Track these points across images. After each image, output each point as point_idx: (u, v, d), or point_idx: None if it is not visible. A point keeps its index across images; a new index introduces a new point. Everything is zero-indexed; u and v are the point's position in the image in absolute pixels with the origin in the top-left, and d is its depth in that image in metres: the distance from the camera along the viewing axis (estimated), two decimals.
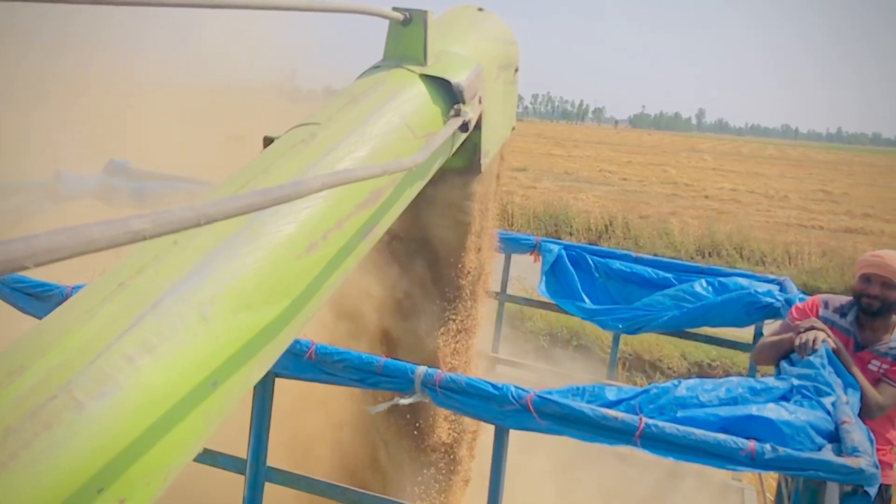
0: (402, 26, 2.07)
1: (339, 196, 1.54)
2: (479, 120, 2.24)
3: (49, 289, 2.46)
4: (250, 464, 2.31)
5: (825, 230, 18.27)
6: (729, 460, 1.81)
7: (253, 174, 1.55)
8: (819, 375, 2.29)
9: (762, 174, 36.70)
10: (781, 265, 13.04)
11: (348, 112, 1.80)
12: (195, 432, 1.17)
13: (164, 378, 1.11)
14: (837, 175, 39.94)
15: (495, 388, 1.97)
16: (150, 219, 0.75)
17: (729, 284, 4.01)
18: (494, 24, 2.61)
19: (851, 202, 25.45)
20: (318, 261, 1.47)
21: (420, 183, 2.00)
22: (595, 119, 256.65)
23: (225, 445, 2.33)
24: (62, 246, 0.65)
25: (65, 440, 0.98)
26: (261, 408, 2.29)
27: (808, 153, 74.25)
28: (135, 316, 1.13)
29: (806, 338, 2.77)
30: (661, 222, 15.80)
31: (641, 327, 4.17)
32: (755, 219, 18.97)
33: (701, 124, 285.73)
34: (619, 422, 1.87)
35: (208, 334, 1.20)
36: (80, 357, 1.06)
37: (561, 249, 4.52)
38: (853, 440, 1.85)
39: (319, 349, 2.14)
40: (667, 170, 34.67)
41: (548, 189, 21.55)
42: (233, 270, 1.29)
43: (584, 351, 7.71)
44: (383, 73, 2.01)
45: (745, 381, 2.14)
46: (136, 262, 1.25)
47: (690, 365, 7.69)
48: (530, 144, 44.71)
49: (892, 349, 3.12)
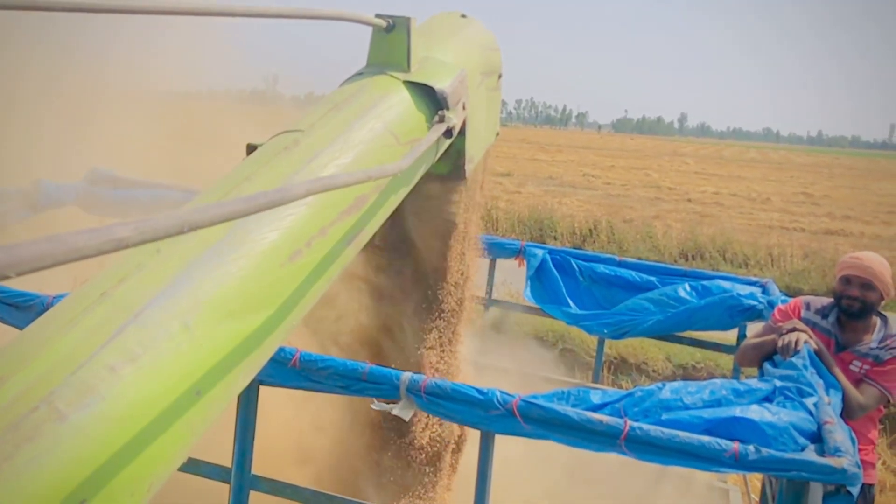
0: (385, 33, 2.08)
1: (322, 203, 1.54)
2: (462, 126, 2.24)
3: (30, 299, 2.44)
4: (235, 472, 2.30)
5: (807, 232, 18.44)
6: (713, 462, 1.83)
7: (236, 182, 1.54)
8: (801, 376, 2.31)
9: (744, 177, 37.00)
10: (764, 267, 13.14)
11: (331, 119, 1.80)
12: (179, 442, 1.16)
13: (148, 388, 1.11)
14: (818, 178, 40.36)
15: (481, 393, 1.97)
16: (133, 227, 0.75)
17: (712, 288, 4.04)
18: (477, 31, 2.62)
19: (832, 204, 25.72)
20: (302, 268, 1.47)
21: (404, 189, 2.00)
22: (578, 124, 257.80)
23: (208, 454, 2.32)
24: (45, 255, 0.64)
25: (47, 452, 0.97)
26: (245, 416, 2.28)
27: (790, 156, 74.97)
28: (117, 326, 1.13)
29: (788, 339, 2.79)
30: (645, 226, 15.88)
31: (626, 332, 4.19)
32: (737, 221, 19.11)
33: (683, 128, 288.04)
34: (604, 425, 1.88)
35: (192, 343, 1.19)
36: (61, 368, 1.05)
37: (545, 254, 4.54)
38: (835, 440, 1.87)
39: (304, 356, 2.14)
40: (650, 174, 34.87)
41: (532, 194, 21.61)
42: (216, 279, 1.28)
43: (570, 355, 7.73)
44: (366, 80, 2.01)
45: (728, 383, 2.15)
46: (118, 271, 1.24)
47: (675, 368, 7.72)
48: (514, 150, 44.84)
49: (872, 350, 3.15)
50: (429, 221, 2.76)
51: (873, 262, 3.19)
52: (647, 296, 4.15)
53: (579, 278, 4.46)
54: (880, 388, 3.07)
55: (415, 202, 2.46)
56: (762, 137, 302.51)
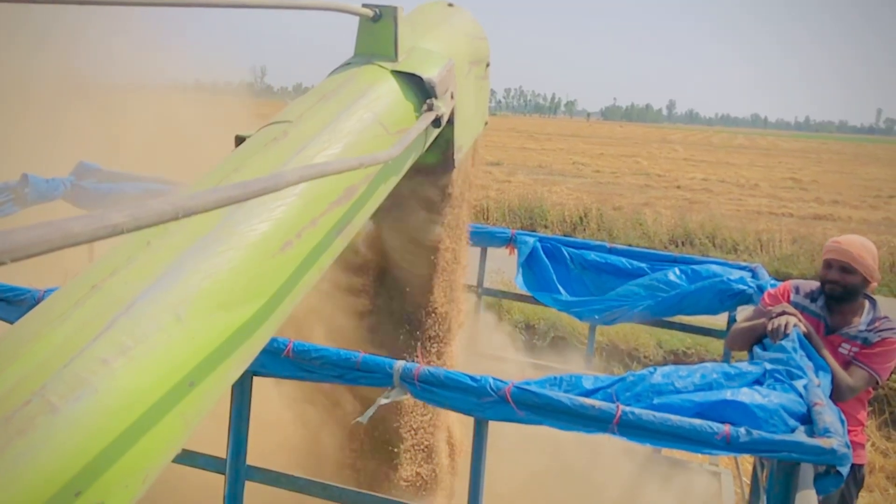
0: (372, 22, 2.07)
1: (313, 194, 1.54)
2: (451, 115, 2.24)
3: (21, 293, 2.42)
4: (230, 463, 2.30)
5: (795, 217, 18.55)
6: (705, 445, 1.84)
7: (225, 173, 1.54)
8: (791, 359, 2.33)
9: (732, 163, 37.14)
10: (753, 253, 13.21)
11: (320, 109, 1.79)
12: (173, 433, 1.17)
13: (140, 380, 1.11)
14: (806, 163, 40.55)
15: (474, 380, 1.98)
16: (128, 213, 0.75)
17: (702, 272, 4.06)
18: (465, 20, 2.62)
19: (820, 189, 25.87)
20: (292, 259, 1.47)
21: (394, 179, 2.00)
22: (567, 112, 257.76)
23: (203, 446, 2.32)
24: (41, 240, 0.64)
25: (40, 445, 0.97)
26: (239, 407, 2.28)
27: (777, 142, 75.26)
28: (109, 318, 1.12)
29: (778, 323, 2.81)
30: (635, 213, 15.92)
31: (617, 318, 4.20)
32: (726, 207, 19.19)
33: (672, 115, 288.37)
34: (597, 410, 1.89)
35: (184, 335, 1.19)
36: (53, 361, 1.05)
37: (536, 242, 4.54)
38: (825, 422, 1.89)
39: (297, 346, 2.13)
40: (639, 161, 34.95)
41: (522, 182, 21.61)
42: (207, 270, 1.28)
43: (562, 342, 7.76)
44: (354, 70, 2.01)
45: (719, 366, 2.17)
46: (108, 263, 1.24)
47: (666, 353, 7.77)
48: (504, 138, 44.81)
49: (861, 332, 3.18)
50: (418, 212, 2.76)
51: (852, 245, 3.21)
52: (637, 281, 4.16)
53: (570, 266, 4.46)
54: (868, 370, 3.11)
55: (404, 192, 2.46)
56: (750, 123, 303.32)
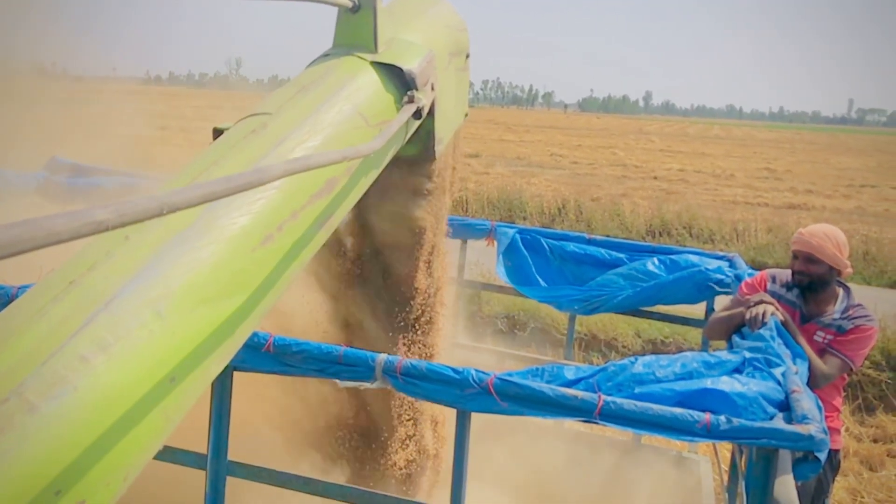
0: (351, 13, 2.05)
1: (294, 187, 1.53)
2: (432, 107, 2.23)
3: None
4: (211, 459, 2.28)
5: (770, 207, 18.77)
6: (686, 433, 1.86)
7: (204, 166, 1.52)
8: (769, 347, 2.36)
9: (708, 154, 37.46)
10: (729, 242, 13.36)
11: (299, 101, 1.78)
12: (154, 430, 1.15)
13: (121, 377, 1.09)
14: (780, 153, 41.01)
15: (456, 372, 1.98)
16: (112, 209, 0.73)
17: (680, 262, 4.09)
18: (444, 11, 2.60)
19: (794, 179, 26.19)
20: (274, 252, 1.46)
21: (375, 172, 1.99)
22: (545, 104, 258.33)
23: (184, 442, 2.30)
24: (22, 239, 0.62)
25: (18, 444, 0.95)
26: (220, 402, 2.27)
27: (752, 132, 75.99)
28: (87, 315, 1.10)
29: (756, 311, 2.84)
30: (613, 204, 16.02)
31: (597, 307, 4.23)
32: (703, 198, 19.38)
33: (648, 106, 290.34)
34: (579, 400, 1.90)
35: (164, 330, 1.18)
36: (31, 359, 1.03)
37: (516, 233, 4.55)
38: (803, 408, 1.91)
39: (277, 341, 2.12)
40: (616, 152, 35.12)
41: (501, 174, 21.64)
42: (187, 265, 1.26)
43: (541, 333, 7.80)
44: (333, 62, 1.99)
45: (699, 355, 2.19)
46: (86, 258, 1.22)
47: (644, 343, 7.83)
48: (482, 130, 44.80)
49: (835, 321, 3.23)
50: (399, 205, 2.75)
51: (815, 235, 3.24)
52: (616, 271, 4.19)
53: (549, 257, 4.48)
54: (843, 358, 3.16)
55: (385, 185, 2.45)
56: (725, 114, 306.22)
